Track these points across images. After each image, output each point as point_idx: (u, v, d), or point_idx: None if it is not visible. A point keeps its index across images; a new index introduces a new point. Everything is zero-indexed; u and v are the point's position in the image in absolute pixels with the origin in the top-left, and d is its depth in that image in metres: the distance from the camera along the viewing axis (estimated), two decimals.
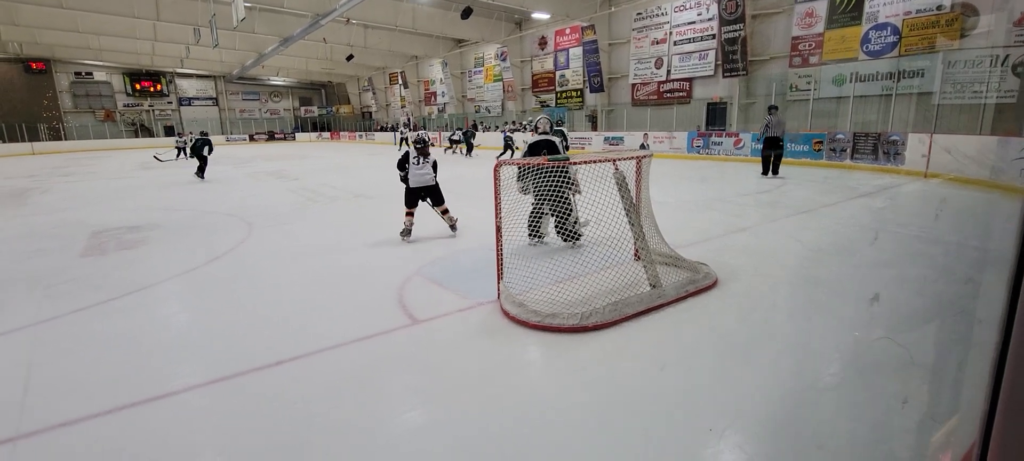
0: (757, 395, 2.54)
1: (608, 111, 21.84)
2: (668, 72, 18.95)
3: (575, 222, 4.75)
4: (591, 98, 22.42)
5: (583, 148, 19.81)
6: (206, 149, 13.28)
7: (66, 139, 33.50)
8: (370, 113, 41.28)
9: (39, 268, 5.24)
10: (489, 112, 28.74)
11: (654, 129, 17.98)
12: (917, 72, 12.46)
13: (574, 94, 23.44)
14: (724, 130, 16.36)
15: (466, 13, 19.53)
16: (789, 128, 13.03)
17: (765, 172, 10.75)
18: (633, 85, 20.38)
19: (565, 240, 4.76)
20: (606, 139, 18.88)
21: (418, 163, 5.74)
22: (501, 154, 17.52)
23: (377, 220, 7.35)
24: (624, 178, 3.78)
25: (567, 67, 23.42)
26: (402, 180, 5.82)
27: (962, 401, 1.63)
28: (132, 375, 2.91)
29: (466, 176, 12.73)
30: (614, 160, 3.77)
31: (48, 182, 14.20)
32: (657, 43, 19.11)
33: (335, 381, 2.78)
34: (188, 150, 15.96)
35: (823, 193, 8.47)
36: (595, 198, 3.70)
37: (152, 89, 38.02)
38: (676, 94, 18.88)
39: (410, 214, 5.81)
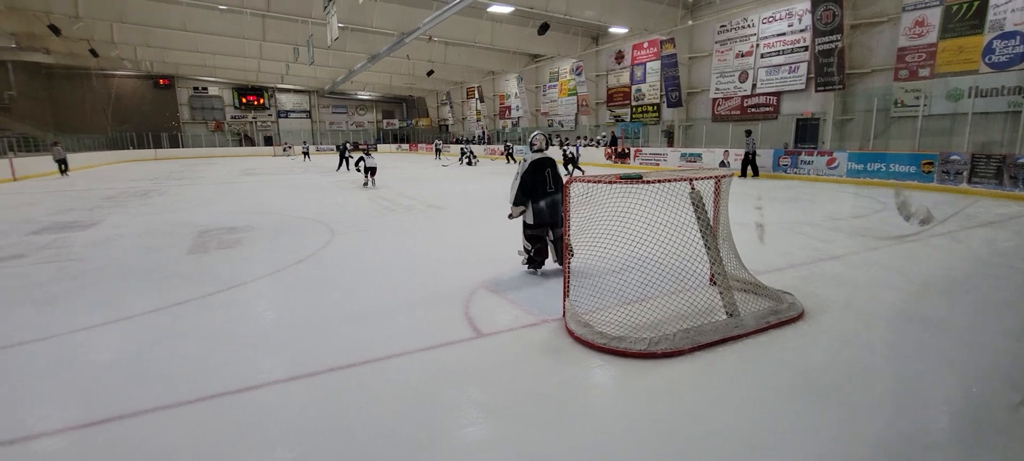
0: (846, 446, 2.28)
1: (686, 126, 21.08)
2: (753, 86, 17.98)
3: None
4: (668, 113, 21.76)
5: (657, 165, 19.23)
6: (345, 152, 14.46)
7: (183, 146, 37.71)
8: (447, 126, 42.76)
9: (153, 263, 5.89)
10: (562, 126, 28.76)
11: (736, 146, 17.05)
12: None
13: (650, 109, 22.88)
14: (816, 148, 15.20)
15: (543, 29, 19.73)
16: (891, 146, 11.90)
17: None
18: (714, 100, 19.55)
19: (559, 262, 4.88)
20: (683, 156, 18.20)
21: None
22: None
23: (448, 230, 7.53)
24: (701, 198, 3.59)
25: (644, 81, 22.94)
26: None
27: None
28: (220, 366, 3.16)
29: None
30: (690, 179, 3.59)
31: (166, 185, 16.02)
32: (742, 56, 18.22)
33: (399, 389, 2.85)
34: (351, 161, 17.74)
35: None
36: (668, 218, 3.54)
37: (256, 102, 41.94)
38: (762, 109, 17.85)
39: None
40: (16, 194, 14.01)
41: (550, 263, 5.08)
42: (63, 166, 20.46)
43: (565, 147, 18.04)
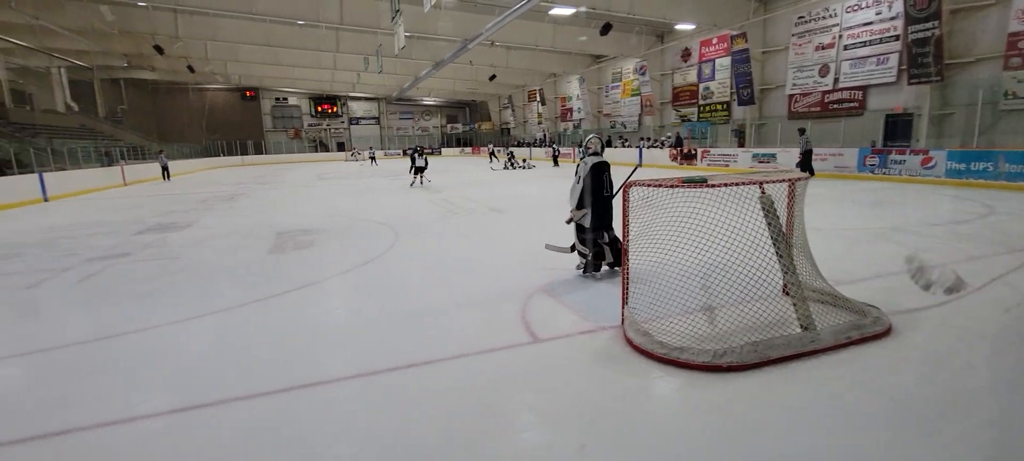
0: None
1: (758, 125, 19.97)
2: (835, 80, 16.73)
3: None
4: (739, 111, 20.74)
5: (727, 166, 18.36)
6: (423, 162, 16.25)
7: (266, 153, 40.65)
8: (508, 129, 43.17)
9: (237, 261, 6.38)
10: (625, 127, 28.17)
11: (815, 145, 15.93)
12: None
13: (719, 107, 21.89)
14: (908, 146, 13.87)
15: (605, 29, 19.43)
16: (1002, 142, 10.62)
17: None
18: (790, 96, 18.38)
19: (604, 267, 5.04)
20: (755, 156, 17.25)
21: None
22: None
23: (508, 233, 7.59)
24: (772, 202, 3.38)
25: (712, 79, 21.99)
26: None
27: None
28: (292, 361, 3.36)
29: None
30: (760, 182, 3.39)
31: (250, 189, 17.33)
32: (822, 48, 17.00)
33: (456, 391, 2.89)
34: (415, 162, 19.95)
35: None
36: (735, 223, 3.36)
37: (330, 111, 44.56)
38: (845, 105, 16.57)
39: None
40: (126, 198, 15.71)
41: (605, 268, 5.00)
42: (166, 172, 22.96)
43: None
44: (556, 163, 25.38)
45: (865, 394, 2.72)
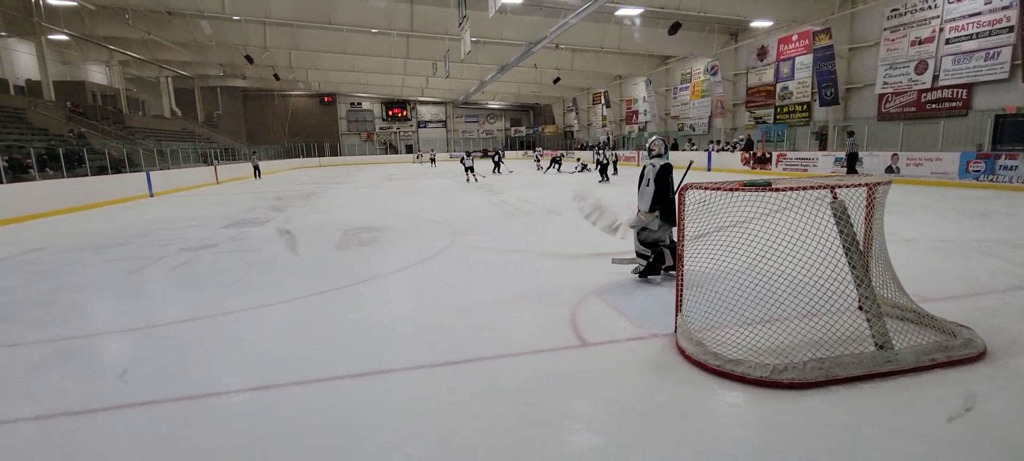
0: None
1: (843, 127, 18.47)
2: (935, 77, 15.18)
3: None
4: (820, 112, 19.34)
5: (805, 171, 17.17)
6: (497, 158, 19.95)
7: (340, 155, 43.03)
8: (572, 132, 42.88)
9: (308, 255, 6.79)
10: (694, 129, 27.11)
11: (909, 149, 14.53)
12: None
13: (798, 109, 20.53)
14: (1022, 150, 12.30)
15: (674, 29, 18.80)
16: None
17: None
18: (881, 96, 16.89)
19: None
20: (837, 160, 16.00)
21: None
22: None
23: (563, 236, 7.53)
24: (845, 208, 3.12)
25: (791, 78, 20.66)
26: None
27: None
28: (350, 351, 3.53)
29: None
30: (833, 186, 3.14)
31: (324, 188, 18.41)
32: (919, 43, 15.49)
33: (503, 390, 2.91)
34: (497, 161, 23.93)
35: None
36: (803, 231, 3.13)
37: (399, 115, 46.44)
38: (946, 105, 14.99)
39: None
40: (217, 194, 17.21)
41: (662, 273, 4.84)
42: (257, 171, 25.45)
43: (598, 153, 19.65)
44: (604, 175, 17.80)
45: (950, 424, 2.44)
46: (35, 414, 2.83)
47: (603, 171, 17.84)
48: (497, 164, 23.37)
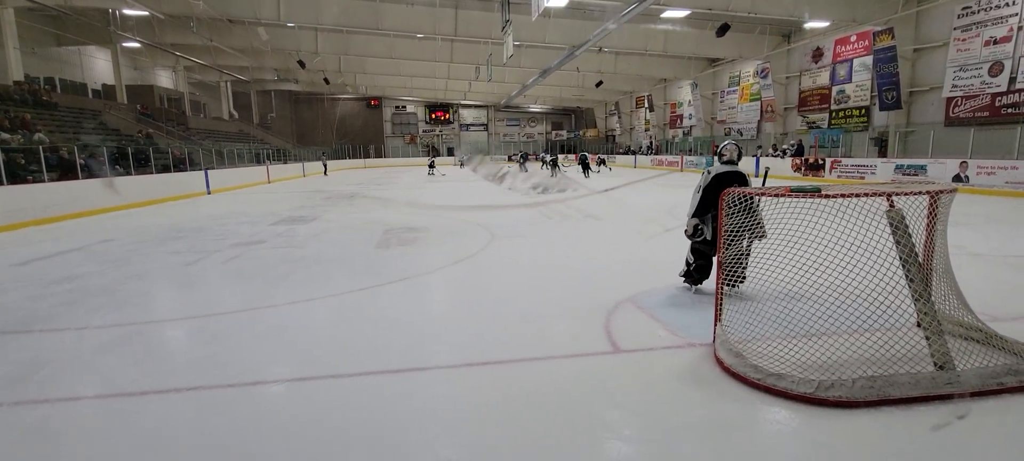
0: None
1: (905, 133, 17.41)
2: (1011, 80, 14.08)
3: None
4: (880, 117, 18.29)
5: (862, 178, 16.27)
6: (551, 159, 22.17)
7: (384, 157, 44.18)
8: (614, 136, 42.32)
9: (349, 253, 6.99)
10: (742, 134, 26.19)
11: (979, 156, 13.51)
12: None
13: (856, 113, 19.48)
14: None
15: (722, 30, 18.23)
16: None
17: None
18: (949, 100, 15.80)
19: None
20: (898, 168, 15.08)
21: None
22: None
23: (600, 240, 7.43)
24: (903, 217, 2.93)
25: (849, 81, 19.64)
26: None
27: None
28: (388, 347, 3.60)
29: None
30: (889, 195, 2.95)
31: (367, 189, 18.93)
32: (994, 43, 14.40)
33: (534, 394, 2.88)
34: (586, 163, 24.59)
35: None
36: (856, 241, 2.95)
37: (442, 118, 47.21)
38: (1023, 109, 13.86)
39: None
40: (269, 193, 18.01)
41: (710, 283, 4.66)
42: (325, 169, 28.14)
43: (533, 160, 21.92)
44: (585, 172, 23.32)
45: (1020, 455, 2.24)
46: (96, 393, 3.04)
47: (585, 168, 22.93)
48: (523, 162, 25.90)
